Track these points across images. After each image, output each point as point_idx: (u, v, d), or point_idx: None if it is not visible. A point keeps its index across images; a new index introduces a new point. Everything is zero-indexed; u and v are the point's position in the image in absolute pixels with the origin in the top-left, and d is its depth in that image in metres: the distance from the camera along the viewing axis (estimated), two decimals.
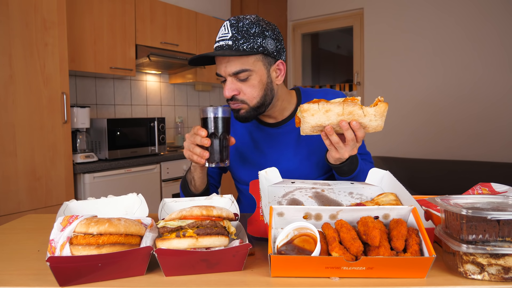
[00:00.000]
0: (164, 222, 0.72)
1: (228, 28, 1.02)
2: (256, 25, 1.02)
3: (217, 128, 0.99)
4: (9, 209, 2.01)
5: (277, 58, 1.08)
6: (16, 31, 2.02)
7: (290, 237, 0.71)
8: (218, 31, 1.06)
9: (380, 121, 0.90)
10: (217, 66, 1.07)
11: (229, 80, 1.05)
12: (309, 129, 0.92)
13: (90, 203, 0.94)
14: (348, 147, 0.93)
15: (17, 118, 2.04)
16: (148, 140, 2.86)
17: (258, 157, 1.21)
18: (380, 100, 0.89)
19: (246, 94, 1.06)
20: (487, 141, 3.35)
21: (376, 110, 0.88)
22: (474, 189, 1.00)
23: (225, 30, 1.03)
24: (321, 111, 0.88)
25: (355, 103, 0.88)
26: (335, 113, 0.88)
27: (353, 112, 0.88)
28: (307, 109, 0.89)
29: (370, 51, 3.93)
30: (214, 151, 0.98)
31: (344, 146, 0.94)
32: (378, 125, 0.91)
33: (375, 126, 0.91)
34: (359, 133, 0.91)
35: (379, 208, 0.74)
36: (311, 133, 0.93)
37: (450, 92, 3.51)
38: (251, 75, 1.04)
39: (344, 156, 0.95)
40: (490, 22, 3.29)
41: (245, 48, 1.01)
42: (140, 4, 2.93)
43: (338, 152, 0.95)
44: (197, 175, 1.12)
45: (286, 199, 0.92)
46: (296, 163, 1.18)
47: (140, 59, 2.94)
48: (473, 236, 0.65)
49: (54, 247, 0.68)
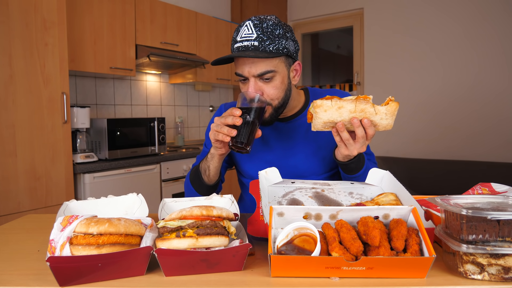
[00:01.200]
0: (164, 222, 0.72)
1: (252, 28, 1.03)
2: (279, 26, 1.04)
3: (251, 112, 1.00)
4: (9, 209, 2.01)
5: (295, 59, 1.11)
6: (16, 31, 2.02)
7: (290, 237, 0.71)
8: (237, 31, 1.06)
9: (391, 120, 0.92)
10: (238, 66, 1.06)
11: (253, 80, 1.05)
12: (320, 125, 0.93)
13: (90, 203, 0.94)
14: (358, 144, 0.95)
15: (17, 118, 2.04)
16: (148, 140, 2.86)
17: (265, 151, 1.22)
18: (391, 100, 0.91)
19: (269, 95, 1.07)
20: (487, 141, 3.35)
21: (387, 109, 0.91)
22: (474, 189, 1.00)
23: (248, 30, 1.03)
24: (334, 108, 0.90)
25: (367, 101, 0.90)
26: (347, 110, 0.90)
27: (365, 110, 0.90)
28: (320, 105, 0.90)
29: (370, 51, 3.93)
30: (241, 132, 0.98)
31: (354, 143, 0.95)
32: (388, 124, 0.93)
33: (385, 124, 0.93)
34: (370, 130, 0.93)
35: (379, 208, 0.74)
36: (322, 129, 0.95)
37: (450, 92, 3.51)
38: (275, 76, 1.05)
39: (353, 153, 0.97)
40: (489, 22, 3.29)
41: (272, 50, 1.02)
42: (140, 4, 2.93)
43: (348, 149, 0.96)
44: (213, 164, 1.11)
45: (286, 199, 0.92)
46: (302, 158, 1.19)
47: (140, 59, 2.94)
48: (473, 236, 0.65)
49: (54, 247, 0.68)
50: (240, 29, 1.05)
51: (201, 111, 4.06)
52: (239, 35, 1.05)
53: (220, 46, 3.73)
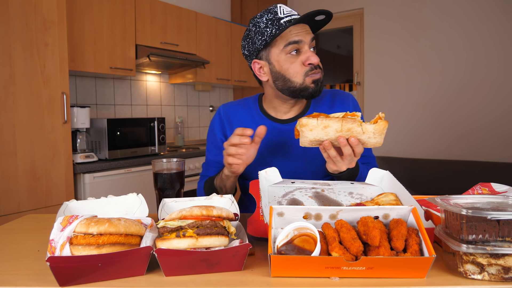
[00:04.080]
0: (164, 222, 0.72)
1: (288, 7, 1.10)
2: None
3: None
4: (9, 209, 2.01)
5: None
6: (16, 31, 2.02)
7: (290, 237, 0.71)
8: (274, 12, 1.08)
9: (380, 138, 0.89)
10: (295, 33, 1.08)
11: (308, 47, 1.09)
12: (307, 142, 0.93)
13: (90, 203, 0.94)
14: (346, 161, 0.95)
15: (17, 118, 2.04)
16: (148, 140, 2.86)
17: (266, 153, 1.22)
18: (380, 118, 0.88)
19: (320, 64, 1.11)
20: (487, 141, 3.35)
21: (375, 128, 0.87)
22: (474, 189, 1.00)
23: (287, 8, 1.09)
24: (320, 127, 0.88)
25: (354, 120, 0.87)
26: (333, 129, 0.88)
27: (352, 129, 0.87)
28: (305, 124, 0.89)
29: (370, 51, 3.93)
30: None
31: (341, 160, 0.95)
32: (377, 142, 0.90)
33: (374, 143, 0.90)
34: (357, 149, 0.91)
35: (379, 208, 0.74)
36: (309, 145, 0.94)
37: (450, 91, 3.52)
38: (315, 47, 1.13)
39: (341, 168, 0.97)
40: (489, 22, 3.29)
41: None
42: (140, 4, 2.93)
43: (336, 165, 0.97)
44: (229, 183, 1.13)
45: (286, 199, 0.92)
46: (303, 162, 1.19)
47: (140, 59, 2.93)
48: (473, 236, 0.65)
49: (54, 247, 0.68)
50: (276, 9, 1.09)
51: (201, 111, 4.06)
52: (282, 11, 1.08)
53: (220, 46, 3.73)
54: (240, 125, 1.24)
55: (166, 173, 1.05)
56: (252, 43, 1.13)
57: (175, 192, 1.06)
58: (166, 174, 1.05)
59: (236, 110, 1.28)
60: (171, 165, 1.06)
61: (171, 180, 1.05)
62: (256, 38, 1.11)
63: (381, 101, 3.90)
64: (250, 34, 1.14)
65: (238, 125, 1.24)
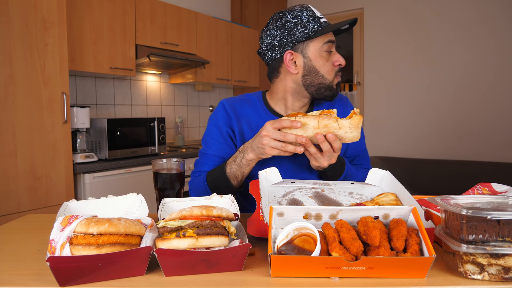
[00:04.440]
0: (164, 222, 0.72)
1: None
2: None
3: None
4: (9, 209, 2.01)
5: None
6: (16, 31, 2.02)
7: (290, 237, 0.71)
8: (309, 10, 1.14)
9: (356, 133, 0.95)
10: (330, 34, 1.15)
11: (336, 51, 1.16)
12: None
13: (90, 203, 0.94)
14: (326, 157, 1.00)
15: (17, 118, 2.04)
16: (148, 140, 2.86)
17: None
18: (355, 113, 0.94)
19: None
20: (487, 141, 3.35)
21: (350, 123, 0.93)
22: (474, 189, 1.00)
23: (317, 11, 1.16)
24: None
25: (330, 116, 0.93)
26: (311, 127, 0.94)
27: (329, 125, 0.93)
28: None
29: (370, 51, 3.93)
30: None
31: (322, 156, 1.00)
32: (354, 136, 0.96)
33: (350, 137, 0.96)
34: (335, 144, 0.96)
35: (379, 208, 0.74)
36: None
37: (450, 91, 3.52)
38: None
39: (323, 165, 1.03)
40: (489, 22, 3.29)
41: None
42: (140, 4, 2.93)
43: (317, 161, 1.02)
44: (248, 169, 1.09)
45: (286, 199, 0.92)
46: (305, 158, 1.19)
47: (140, 59, 2.94)
48: (473, 236, 0.65)
49: (54, 247, 0.68)
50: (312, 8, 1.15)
51: (201, 111, 4.06)
52: (317, 13, 1.14)
53: (220, 46, 3.73)
54: (246, 120, 1.21)
55: (166, 173, 1.05)
56: (290, 34, 1.13)
57: (175, 192, 1.06)
58: (166, 174, 1.05)
59: (241, 104, 1.24)
60: (171, 165, 1.06)
61: (171, 180, 1.05)
62: (297, 29, 1.12)
63: (381, 101, 3.90)
64: (288, 25, 1.13)
65: (245, 119, 1.21)
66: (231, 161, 1.10)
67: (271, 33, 1.15)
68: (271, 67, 1.20)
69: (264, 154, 1.01)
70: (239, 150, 1.09)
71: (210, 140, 1.23)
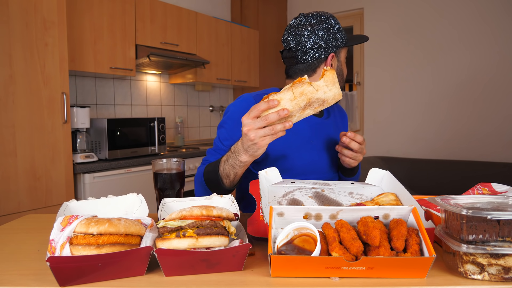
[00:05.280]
0: (164, 222, 0.72)
1: None
2: None
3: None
4: (9, 209, 2.01)
5: None
6: (16, 31, 2.02)
7: (290, 237, 0.71)
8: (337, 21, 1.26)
9: (335, 89, 0.89)
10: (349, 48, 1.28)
11: None
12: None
13: (90, 203, 0.94)
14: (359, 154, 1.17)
15: (17, 118, 2.04)
16: (148, 140, 2.86)
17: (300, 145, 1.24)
18: (325, 70, 0.88)
19: None
20: (487, 141, 3.35)
21: (325, 80, 0.88)
22: (474, 189, 1.00)
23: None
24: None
25: (302, 83, 0.87)
26: (287, 100, 0.87)
27: (304, 91, 0.87)
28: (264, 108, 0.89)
29: (370, 51, 3.93)
30: None
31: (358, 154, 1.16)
32: (336, 94, 0.90)
33: (332, 95, 0.90)
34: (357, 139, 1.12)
35: (379, 208, 0.74)
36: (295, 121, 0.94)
37: (450, 91, 3.51)
38: None
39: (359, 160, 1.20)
40: (489, 21, 3.29)
41: None
42: (140, 4, 2.93)
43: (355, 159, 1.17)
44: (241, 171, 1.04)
45: (286, 199, 0.92)
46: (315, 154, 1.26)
47: (140, 59, 2.93)
48: (473, 236, 0.65)
49: (54, 247, 0.68)
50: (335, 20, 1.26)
51: (201, 111, 4.06)
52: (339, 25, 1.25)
53: (220, 46, 3.73)
54: None
55: (166, 173, 1.05)
56: (334, 38, 1.22)
57: (175, 192, 1.06)
58: (166, 174, 1.05)
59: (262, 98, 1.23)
60: (171, 165, 1.06)
61: (171, 180, 1.05)
62: (339, 35, 1.23)
63: (381, 101, 3.90)
64: (332, 30, 1.22)
65: None
66: (224, 159, 1.06)
67: (319, 34, 1.19)
68: (309, 65, 1.23)
69: (258, 150, 0.93)
70: (231, 150, 1.03)
71: (224, 132, 1.20)
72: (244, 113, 1.08)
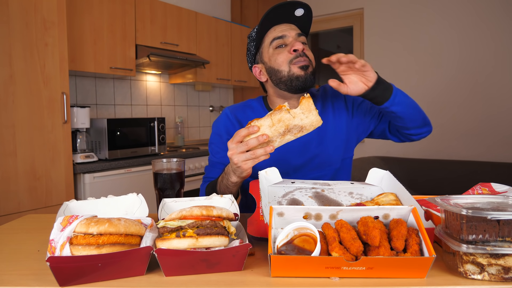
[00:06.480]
0: (164, 222, 0.72)
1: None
2: None
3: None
4: (9, 209, 2.01)
5: None
6: (16, 31, 2.02)
7: (290, 237, 0.71)
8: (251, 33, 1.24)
9: (312, 116, 0.92)
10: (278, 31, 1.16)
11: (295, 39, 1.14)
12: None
13: (90, 203, 0.94)
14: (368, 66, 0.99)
15: (17, 118, 2.04)
16: (148, 140, 2.86)
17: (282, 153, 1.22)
18: (304, 97, 0.91)
19: (309, 55, 1.15)
20: (487, 141, 3.35)
21: (301, 108, 0.91)
22: (474, 189, 1.00)
23: None
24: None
25: (280, 110, 0.91)
26: (267, 126, 0.91)
27: (282, 118, 0.91)
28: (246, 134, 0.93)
29: (370, 51, 3.93)
30: None
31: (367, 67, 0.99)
32: (313, 121, 0.92)
33: (309, 122, 0.92)
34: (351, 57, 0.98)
35: (379, 208, 0.74)
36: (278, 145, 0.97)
37: (450, 91, 3.51)
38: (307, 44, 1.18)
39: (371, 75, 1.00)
40: (489, 21, 3.29)
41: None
42: (140, 4, 2.93)
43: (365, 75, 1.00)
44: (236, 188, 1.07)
45: (286, 199, 0.92)
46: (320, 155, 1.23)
47: (140, 59, 2.94)
48: (473, 236, 0.65)
49: (54, 247, 0.68)
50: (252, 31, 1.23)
51: (201, 111, 4.06)
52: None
53: (220, 46, 3.73)
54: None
55: (166, 173, 1.05)
56: (249, 53, 1.26)
57: (175, 192, 1.06)
58: (166, 174, 1.05)
59: (243, 110, 1.30)
60: (171, 165, 1.06)
61: (171, 180, 1.05)
62: (250, 45, 1.25)
63: None
64: (247, 46, 1.27)
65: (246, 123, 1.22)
66: (220, 180, 1.13)
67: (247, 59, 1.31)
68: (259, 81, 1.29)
69: (243, 172, 0.97)
70: (225, 171, 1.08)
71: (215, 147, 1.28)
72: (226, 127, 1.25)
